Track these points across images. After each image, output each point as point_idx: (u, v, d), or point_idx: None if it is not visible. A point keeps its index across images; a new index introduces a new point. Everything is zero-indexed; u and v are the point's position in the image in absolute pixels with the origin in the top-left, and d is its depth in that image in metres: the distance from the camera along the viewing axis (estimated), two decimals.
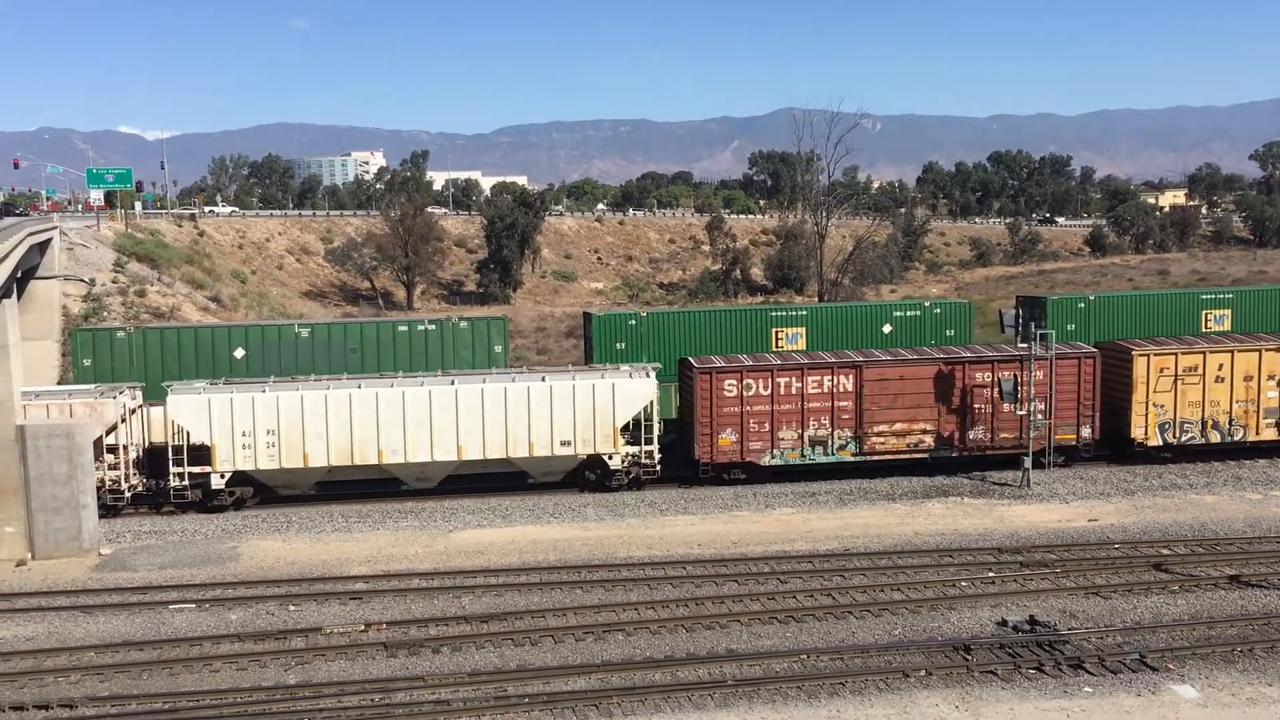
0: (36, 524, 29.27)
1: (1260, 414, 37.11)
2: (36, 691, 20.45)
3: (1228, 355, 36.93)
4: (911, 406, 35.60)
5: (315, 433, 33.03)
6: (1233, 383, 36.89)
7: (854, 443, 35.50)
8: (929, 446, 35.87)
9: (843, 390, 35.26)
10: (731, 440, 34.91)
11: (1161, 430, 36.82)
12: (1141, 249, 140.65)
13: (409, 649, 22.17)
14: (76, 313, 54.74)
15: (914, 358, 36.14)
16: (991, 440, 36.00)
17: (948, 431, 35.81)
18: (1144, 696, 19.59)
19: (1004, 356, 36.12)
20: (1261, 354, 37.06)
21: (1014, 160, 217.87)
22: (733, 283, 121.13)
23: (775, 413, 35.08)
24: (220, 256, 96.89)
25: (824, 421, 35.34)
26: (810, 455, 35.35)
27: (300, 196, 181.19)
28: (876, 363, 35.73)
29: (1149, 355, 36.61)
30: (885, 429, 35.56)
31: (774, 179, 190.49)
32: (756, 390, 34.95)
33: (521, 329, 76.35)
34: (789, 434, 35.26)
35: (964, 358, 35.99)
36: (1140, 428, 36.72)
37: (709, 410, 34.80)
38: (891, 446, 35.70)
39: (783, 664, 21.14)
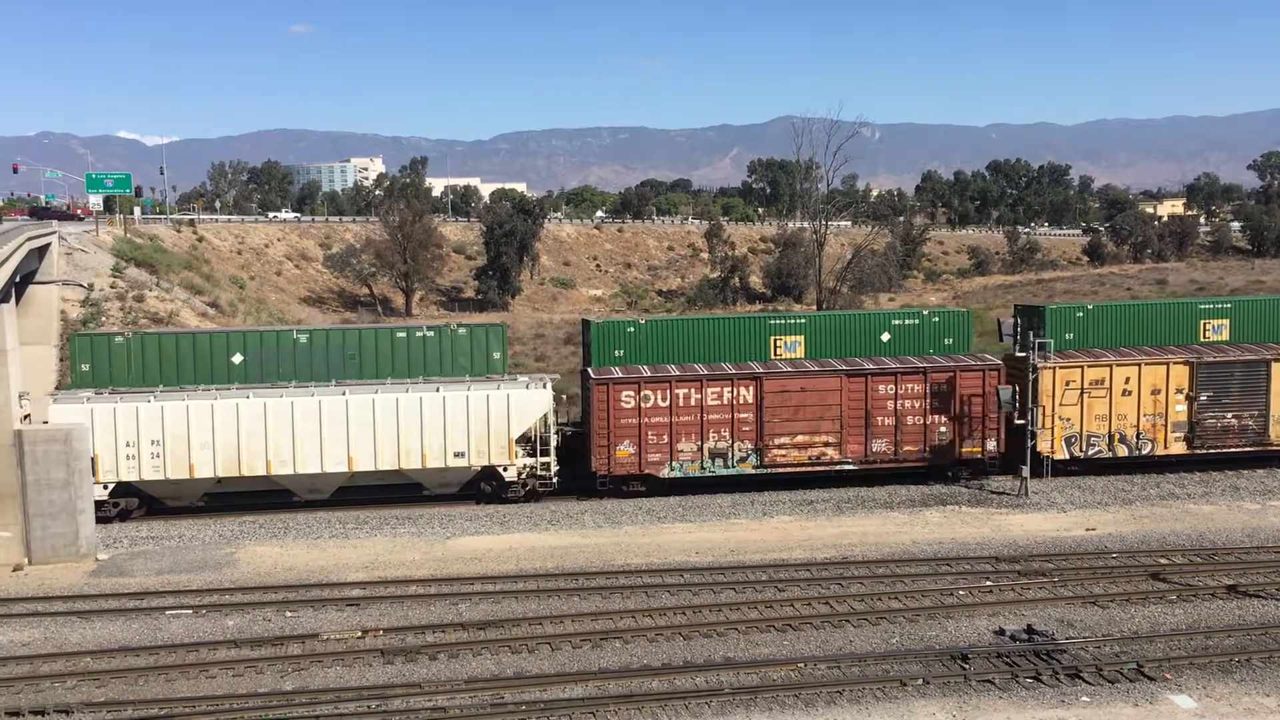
0: (33, 529, 29.24)
1: (1168, 428, 36.72)
2: (33, 697, 20.42)
3: (1135, 368, 36.52)
4: (813, 419, 35.14)
5: (201, 443, 32.56)
6: (1140, 396, 36.50)
7: (755, 455, 35.09)
8: (831, 459, 35.43)
9: (743, 402, 34.90)
10: (629, 452, 34.55)
11: (1068, 444, 36.37)
12: (1140, 258, 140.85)
13: (406, 655, 22.14)
14: (75, 318, 54.70)
15: (816, 369, 35.71)
16: (895, 453, 35.59)
17: (851, 444, 35.38)
18: (1141, 706, 19.58)
19: (907, 368, 35.60)
20: (1169, 367, 36.62)
21: (1012, 169, 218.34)
22: (731, 290, 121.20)
23: (674, 424, 34.71)
24: (219, 262, 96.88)
25: (724, 434, 34.93)
26: (710, 467, 35.00)
27: (299, 202, 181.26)
28: (777, 374, 35.32)
29: (1054, 368, 36.15)
30: (787, 441, 35.13)
31: (773, 187, 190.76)
32: (655, 402, 34.57)
33: (520, 336, 76.32)
34: (688, 446, 34.86)
35: (867, 370, 35.56)
36: (1046, 441, 36.13)
37: (606, 422, 34.38)
38: (793, 459, 35.26)
39: (780, 672, 21.12)
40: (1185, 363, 36.73)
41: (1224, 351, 37.89)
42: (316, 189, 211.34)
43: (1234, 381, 36.96)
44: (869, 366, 35.72)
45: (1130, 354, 37.67)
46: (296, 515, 33.53)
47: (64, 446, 29.40)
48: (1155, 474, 36.93)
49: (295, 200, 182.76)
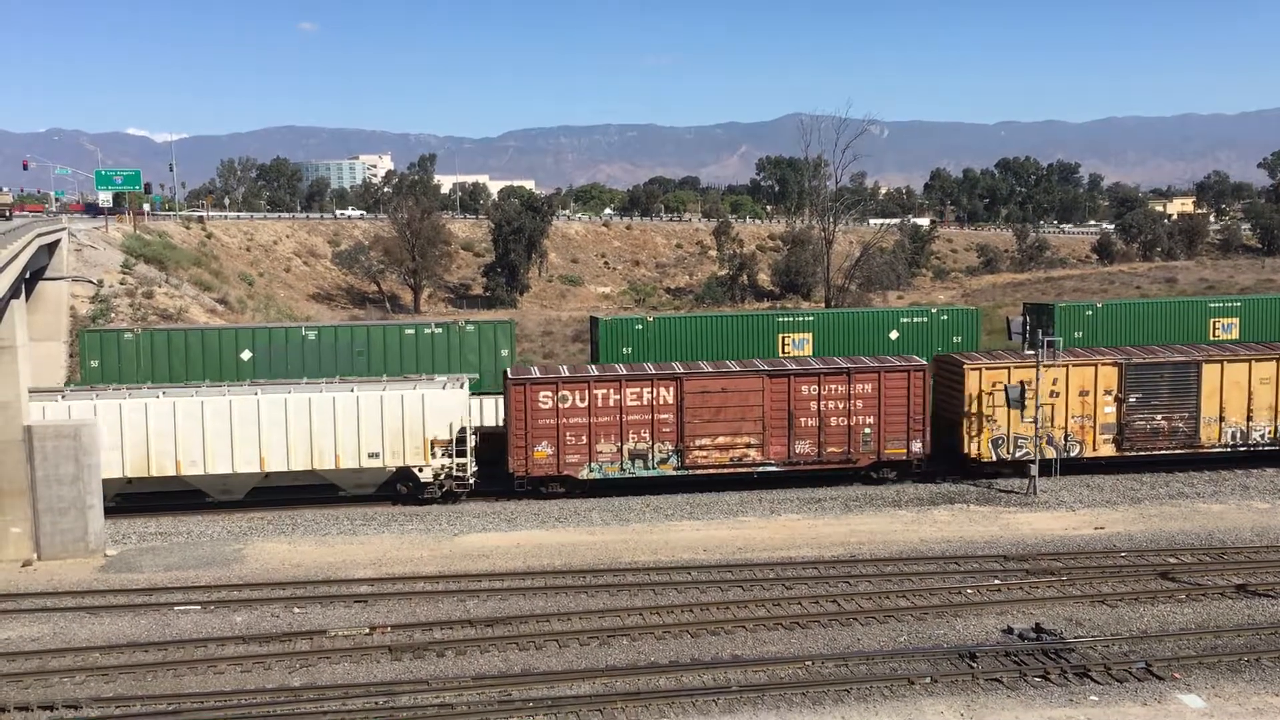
0: (43, 524, 29.34)
1: (1097, 430, 36.23)
2: (42, 692, 20.48)
3: (1062, 370, 35.93)
4: (735, 420, 34.69)
5: (109, 444, 32.01)
6: (1068, 398, 36.00)
7: (676, 456, 34.65)
8: (754, 461, 35.04)
9: (663, 403, 34.46)
10: (547, 453, 34.14)
11: (995, 446, 35.87)
12: (1149, 257, 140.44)
13: (413, 652, 22.17)
14: (84, 314, 54.85)
15: (738, 369, 35.26)
16: (819, 455, 35.19)
17: (774, 445, 35.01)
18: (1150, 705, 19.53)
19: (831, 369, 35.17)
20: (1097, 369, 36.05)
21: (1021, 167, 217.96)
22: (739, 288, 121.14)
23: (593, 425, 34.26)
24: (228, 259, 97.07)
25: (644, 434, 34.50)
26: (630, 469, 34.58)
27: (308, 199, 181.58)
28: (698, 375, 34.86)
29: (981, 369, 35.70)
30: (708, 442, 34.65)
31: (781, 184, 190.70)
32: (573, 402, 34.17)
33: (528, 333, 76.40)
34: (608, 447, 34.43)
35: (789, 370, 35.06)
36: (973, 443, 35.82)
37: (523, 422, 33.98)
38: (714, 460, 34.82)
39: (787, 670, 21.10)
40: (1114, 364, 36.14)
41: (1153, 352, 37.38)
42: (325, 186, 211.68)
43: (1163, 383, 36.34)
44: (792, 367, 35.34)
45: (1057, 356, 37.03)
46: (304, 512, 33.60)
47: (74, 442, 29.48)
48: (1164, 473, 36.82)
49: (304, 197, 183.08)
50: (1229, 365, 36.56)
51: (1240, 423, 36.77)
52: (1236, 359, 36.76)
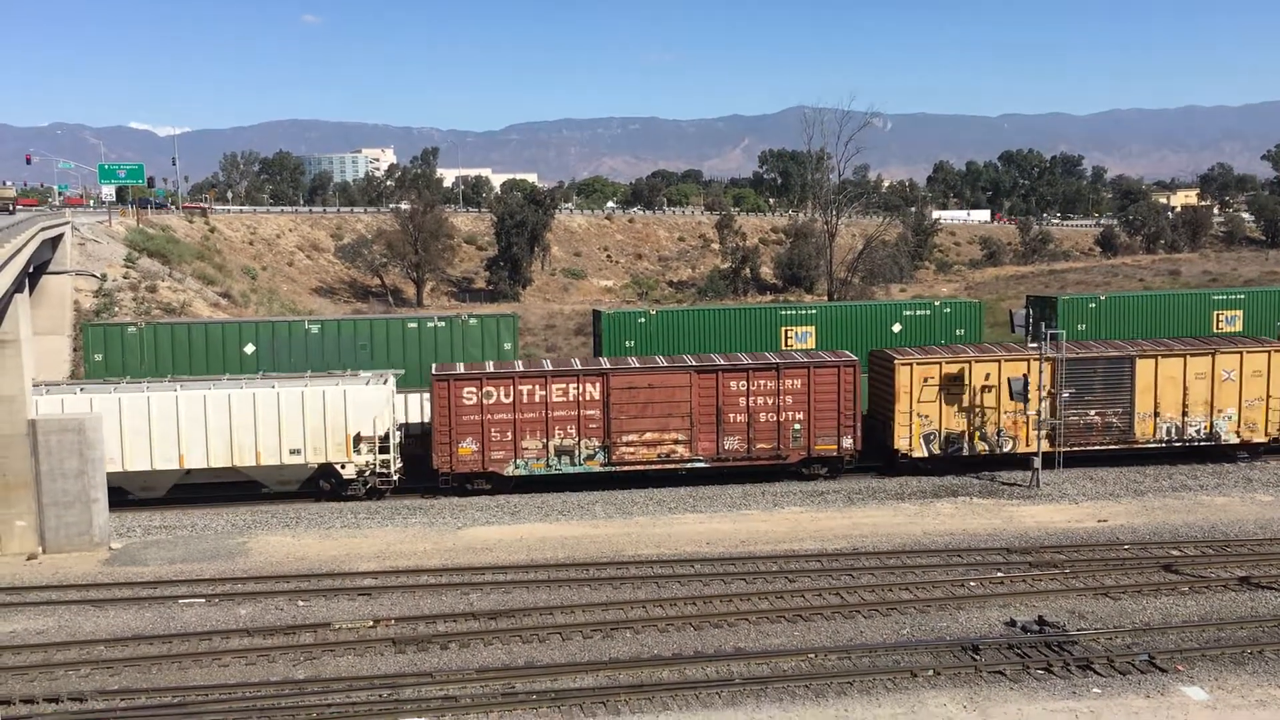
0: (47, 518, 29.41)
1: (1030, 425, 36.00)
2: (47, 685, 20.54)
3: (995, 364, 35.65)
4: (662, 415, 34.47)
5: None
6: (1000, 393, 35.64)
7: (602, 452, 34.43)
8: (682, 457, 34.79)
9: (589, 399, 34.22)
10: (472, 450, 33.90)
11: (926, 441, 35.67)
12: (1153, 249, 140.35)
13: (417, 645, 22.22)
14: (88, 308, 54.93)
15: (665, 365, 35.01)
16: (749, 451, 34.96)
17: (702, 442, 34.74)
18: (1153, 698, 19.55)
19: (760, 365, 34.97)
20: (1029, 364, 35.66)
21: (1025, 160, 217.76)
22: (742, 281, 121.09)
23: (518, 421, 34.03)
24: (231, 253, 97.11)
25: (570, 431, 34.26)
26: (556, 465, 34.35)
27: (311, 193, 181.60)
28: (624, 370, 34.59)
29: (912, 364, 35.44)
30: (635, 438, 34.45)
31: (784, 177, 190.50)
32: (498, 398, 33.90)
33: (531, 326, 76.40)
34: (533, 443, 34.19)
35: (718, 366, 34.85)
36: (904, 439, 35.56)
37: (447, 418, 33.74)
38: (642, 456, 34.59)
39: (790, 663, 21.14)
40: (1047, 359, 35.79)
41: (1087, 348, 37.12)
42: (328, 179, 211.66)
43: (1097, 378, 36.10)
44: (720, 363, 35.13)
45: (990, 350, 36.90)
46: (309, 505, 33.66)
47: (78, 436, 29.54)
48: (1168, 465, 36.82)
49: (307, 191, 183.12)
50: (1164, 360, 36.30)
51: (1175, 418, 36.50)
52: (1171, 354, 36.43)
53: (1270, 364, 36.71)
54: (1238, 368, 36.60)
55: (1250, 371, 36.51)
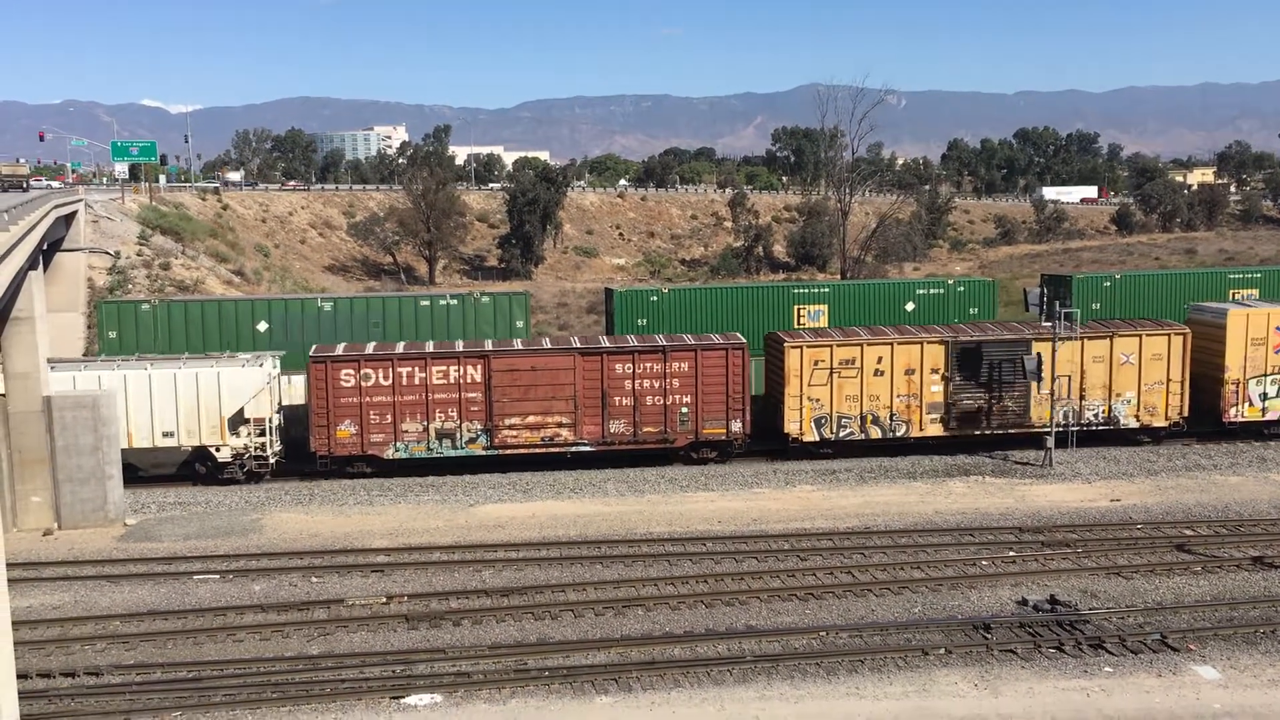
0: (63, 494, 29.61)
1: (924, 409, 35.52)
2: (63, 659, 20.72)
3: (887, 348, 35.21)
4: (546, 398, 34.07)
5: None
6: (893, 376, 35.25)
7: (485, 435, 34.05)
8: (566, 440, 34.38)
9: (470, 381, 33.78)
10: (350, 432, 33.50)
11: (818, 425, 35.22)
12: (1169, 228, 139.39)
13: (430, 621, 22.33)
14: (102, 285, 55.08)
15: (548, 348, 34.65)
16: (635, 434, 34.51)
17: (587, 425, 34.33)
18: (1165, 677, 19.54)
19: (646, 348, 34.51)
20: (923, 347, 35.27)
21: (1040, 137, 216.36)
22: (755, 259, 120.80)
23: (398, 404, 33.62)
24: (244, 230, 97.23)
25: (451, 413, 33.85)
26: (437, 448, 33.98)
27: (323, 171, 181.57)
28: (506, 353, 34.18)
29: (802, 347, 35.01)
30: (518, 421, 34.03)
31: (797, 155, 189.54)
32: (376, 380, 33.50)
33: (543, 304, 76.40)
34: (414, 426, 33.81)
35: (602, 349, 34.43)
36: (795, 422, 35.11)
37: (325, 401, 33.34)
38: (525, 440, 34.20)
39: (802, 641, 21.19)
40: (940, 342, 35.38)
41: (982, 330, 36.60)
42: (340, 157, 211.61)
43: (992, 362, 35.68)
44: (605, 345, 34.76)
45: (883, 332, 36.37)
46: (321, 483, 33.79)
47: (92, 413, 29.70)
48: (1181, 444, 36.69)
49: (319, 169, 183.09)
50: (1061, 343, 35.53)
51: (1073, 402, 36.00)
52: (1068, 337, 35.71)
53: (1170, 347, 36.05)
54: (1136, 351, 35.96)
55: (1149, 355, 35.91)
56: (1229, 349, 36.44)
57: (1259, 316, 36.72)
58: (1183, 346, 36.19)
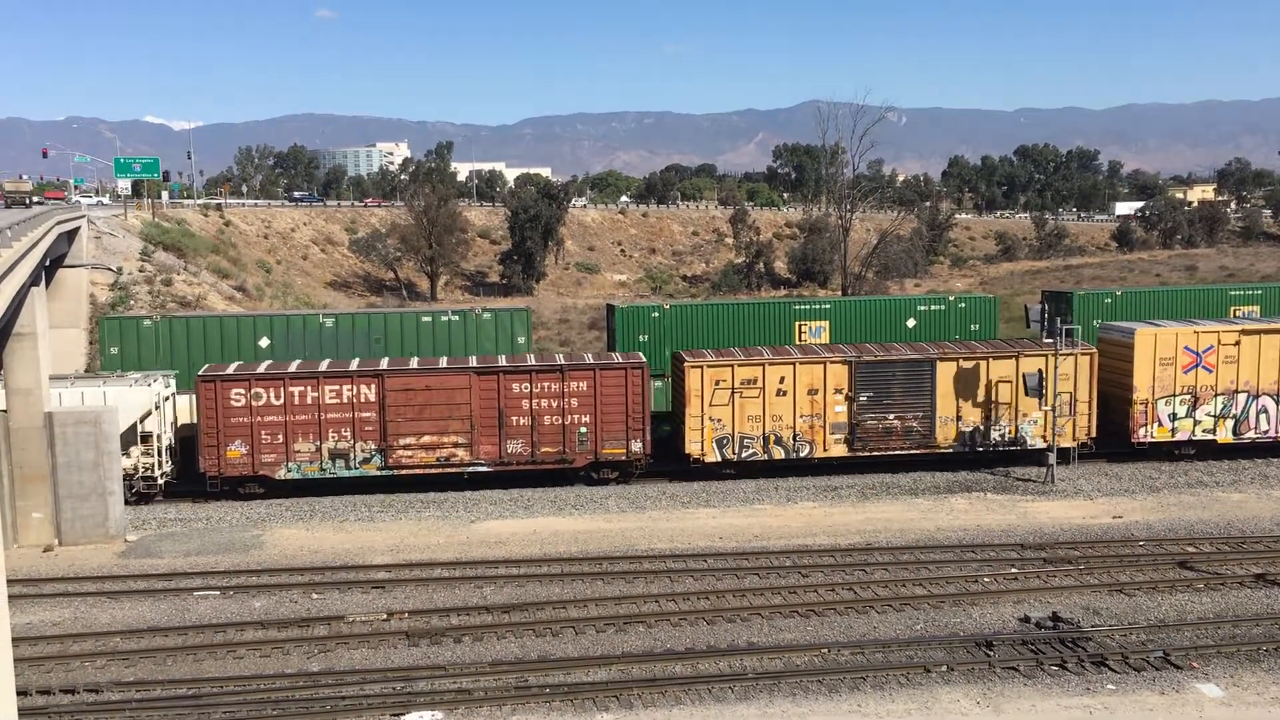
0: (63, 510, 29.58)
1: (827, 429, 35.11)
2: (63, 676, 20.67)
3: (789, 367, 34.80)
4: (442, 418, 33.70)
5: None
6: (796, 396, 34.85)
7: (379, 455, 33.68)
8: (463, 460, 33.99)
9: (364, 400, 33.43)
10: (241, 452, 33.07)
11: (720, 446, 34.81)
12: (1170, 244, 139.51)
13: (431, 638, 22.28)
14: (104, 301, 55.16)
15: (445, 367, 34.21)
16: (533, 454, 34.16)
17: (484, 445, 33.97)
18: (1167, 695, 19.47)
19: (543, 367, 34.29)
20: (826, 366, 34.92)
21: (1040, 154, 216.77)
22: (756, 276, 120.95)
23: (289, 424, 33.25)
24: (245, 246, 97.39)
25: (345, 433, 33.50)
26: (330, 468, 33.61)
27: (325, 187, 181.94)
28: (401, 372, 33.78)
29: (702, 367, 34.58)
30: (413, 441, 33.63)
31: (798, 172, 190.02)
32: (268, 400, 33.11)
33: (544, 320, 76.46)
34: (306, 446, 33.41)
35: (500, 368, 34.06)
36: (696, 443, 34.71)
37: (215, 421, 32.91)
38: (420, 460, 33.82)
39: (803, 658, 21.13)
40: (844, 362, 35.06)
41: (886, 350, 36.33)
42: (342, 174, 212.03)
43: (896, 382, 35.20)
44: (503, 364, 34.43)
45: (787, 352, 36.04)
46: (323, 499, 33.74)
47: (94, 429, 29.70)
48: (1184, 462, 36.64)
49: (321, 185, 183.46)
50: (965, 363, 35.39)
51: (978, 422, 35.65)
52: (973, 356, 35.53)
53: (1077, 367, 35.68)
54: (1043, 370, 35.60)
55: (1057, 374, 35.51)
56: (1137, 369, 35.93)
57: (1167, 336, 36.25)
58: (1090, 366, 35.80)
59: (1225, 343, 36.24)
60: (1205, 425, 36.56)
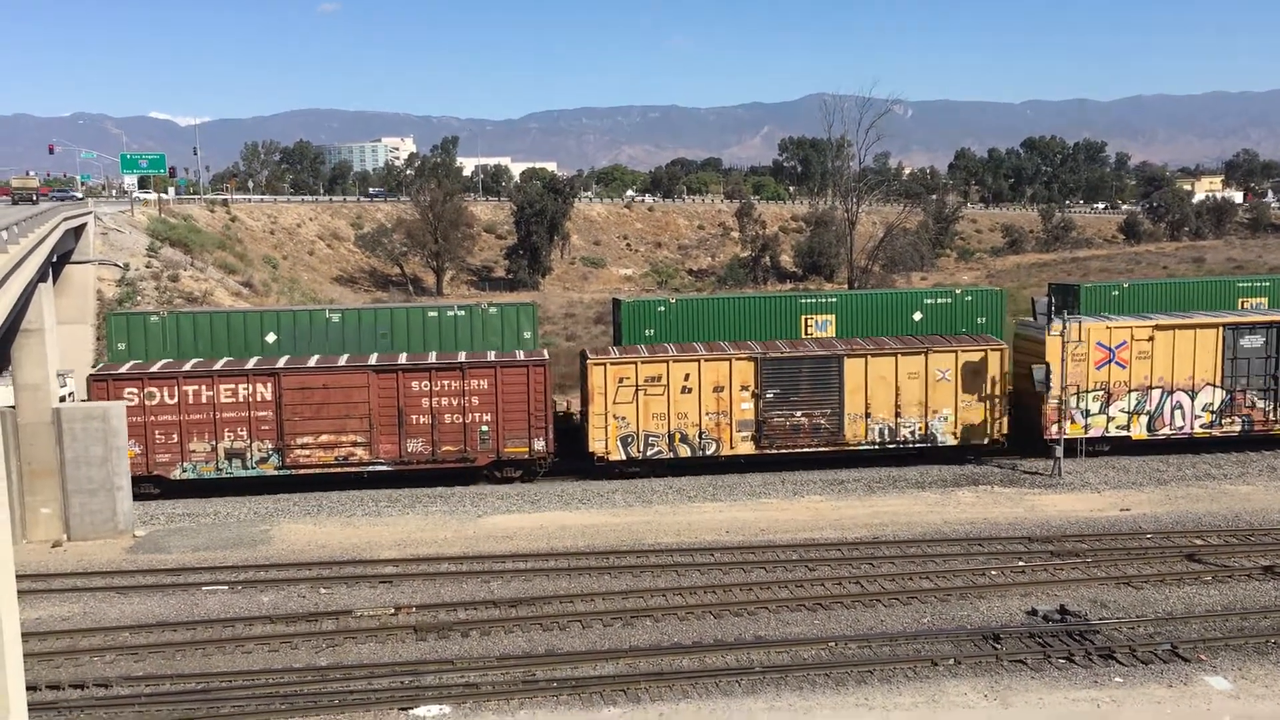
0: (72, 506, 29.67)
1: (734, 427, 34.77)
2: (72, 671, 20.75)
3: (694, 365, 34.47)
4: (339, 417, 33.48)
5: None
6: (701, 394, 34.51)
7: (276, 455, 33.45)
8: (362, 459, 33.77)
9: (260, 399, 33.20)
10: (135, 452, 32.39)
11: (624, 444, 34.48)
12: (1177, 237, 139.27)
13: (438, 632, 22.32)
14: (111, 297, 55.28)
15: (342, 365, 33.91)
16: (433, 453, 33.94)
17: (383, 444, 33.78)
18: (1175, 687, 19.46)
19: (443, 365, 33.95)
20: (732, 364, 34.57)
21: (1047, 146, 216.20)
22: (762, 269, 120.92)
23: (184, 423, 33.00)
24: (252, 242, 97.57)
25: (241, 433, 33.25)
26: (227, 468, 33.35)
27: (330, 182, 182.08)
28: (297, 370, 33.53)
29: (605, 364, 34.28)
30: (310, 440, 33.38)
31: (804, 165, 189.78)
32: (161, 400, 32.86)
33: (550, 315, 76.48)
34: (201, 446, 33.18)
35: (398, 366, 33.84)
36: (600, 441, 34.37)
37: None
38: (319, 459, 33.57)
39: (810, 651, 21.14)
40: (750, 359, 34.75)
41: (794, 346, 36.04)
42: (348, 169, 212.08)
43: (803, 378, 34.84)
44: (402, 363, 34.20)
45: (692, 349, 35.65)
46: (330, 494, 33.82)
47: (102, 424, 29.79)
48: (1191, 454, 36.56)
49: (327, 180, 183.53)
50: (873, 359, 35.10)
51: (888, 419, 35.41)
52: (882, 353, 35.21)
53: (988, 363, 35.44)
54: (954, 367, 35.38)
55: (967, 371, 35.27)
56: (1049, 365, 35.62)
57: (1079, 331, 35.90)
58: (1000, 362, 35.56)
59: (1139, 338, 35.92)
60: (1119, 421, 36.12)
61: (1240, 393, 36.46)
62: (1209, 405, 36.13)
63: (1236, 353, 36.34)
